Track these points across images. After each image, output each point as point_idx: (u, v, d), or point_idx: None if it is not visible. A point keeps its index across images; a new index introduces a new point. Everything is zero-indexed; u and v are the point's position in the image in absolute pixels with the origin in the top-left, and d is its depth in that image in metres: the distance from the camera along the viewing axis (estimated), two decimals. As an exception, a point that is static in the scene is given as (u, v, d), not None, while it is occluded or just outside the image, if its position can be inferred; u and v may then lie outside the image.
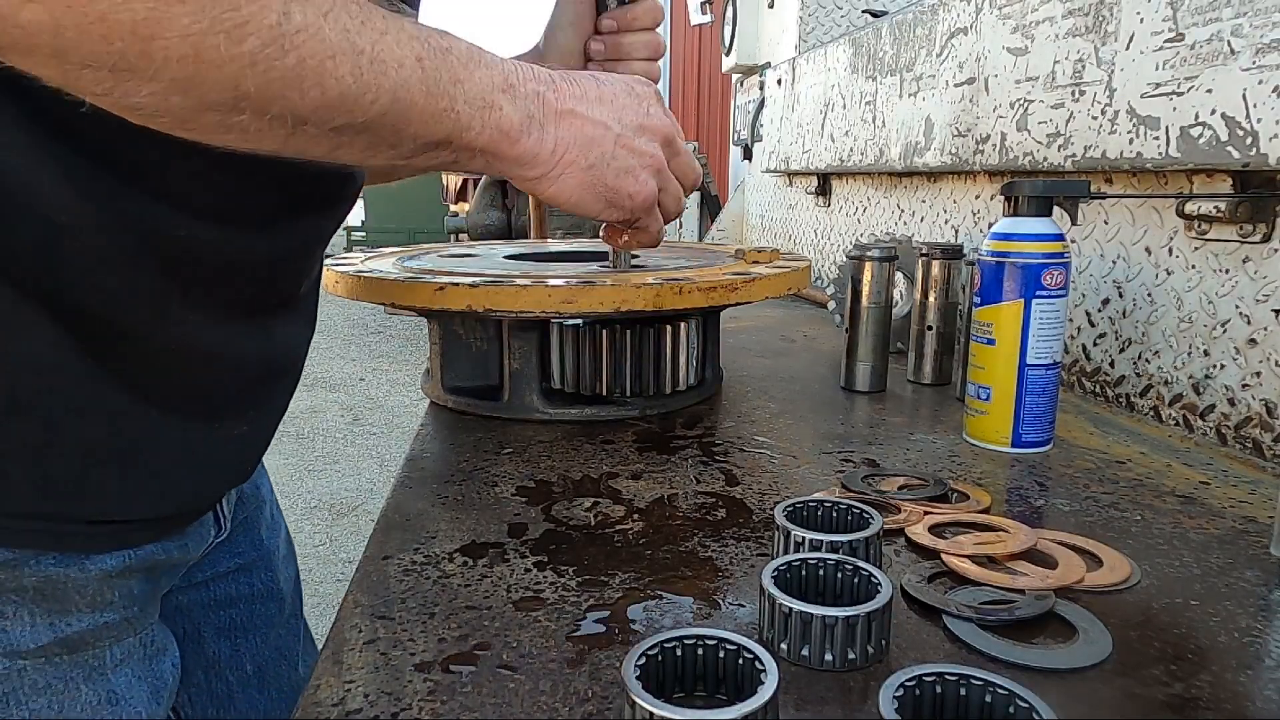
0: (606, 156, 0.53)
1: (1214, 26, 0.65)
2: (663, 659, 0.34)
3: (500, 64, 0.48)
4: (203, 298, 0.50)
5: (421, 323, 0.98)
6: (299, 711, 0.35)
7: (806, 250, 1.75)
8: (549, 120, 0.50)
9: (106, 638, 0.51)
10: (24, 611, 0.47)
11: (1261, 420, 0.66)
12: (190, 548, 0.58)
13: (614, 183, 0.54)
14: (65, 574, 0.48)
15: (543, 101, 0.50)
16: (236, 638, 0.69)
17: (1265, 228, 0.66)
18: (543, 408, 0.76)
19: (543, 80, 0.51)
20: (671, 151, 0.58)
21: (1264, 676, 0.38)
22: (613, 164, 0.53)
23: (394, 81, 0.41)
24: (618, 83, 0.56)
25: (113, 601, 0.51)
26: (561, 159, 0.51)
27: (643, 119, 0.55)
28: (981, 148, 0.99)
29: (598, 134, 0.52)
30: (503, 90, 0.48)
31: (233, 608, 0.69)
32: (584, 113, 0.52)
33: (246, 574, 0.70)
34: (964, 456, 0.68)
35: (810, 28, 1.77)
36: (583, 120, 0.52)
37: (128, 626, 0.52)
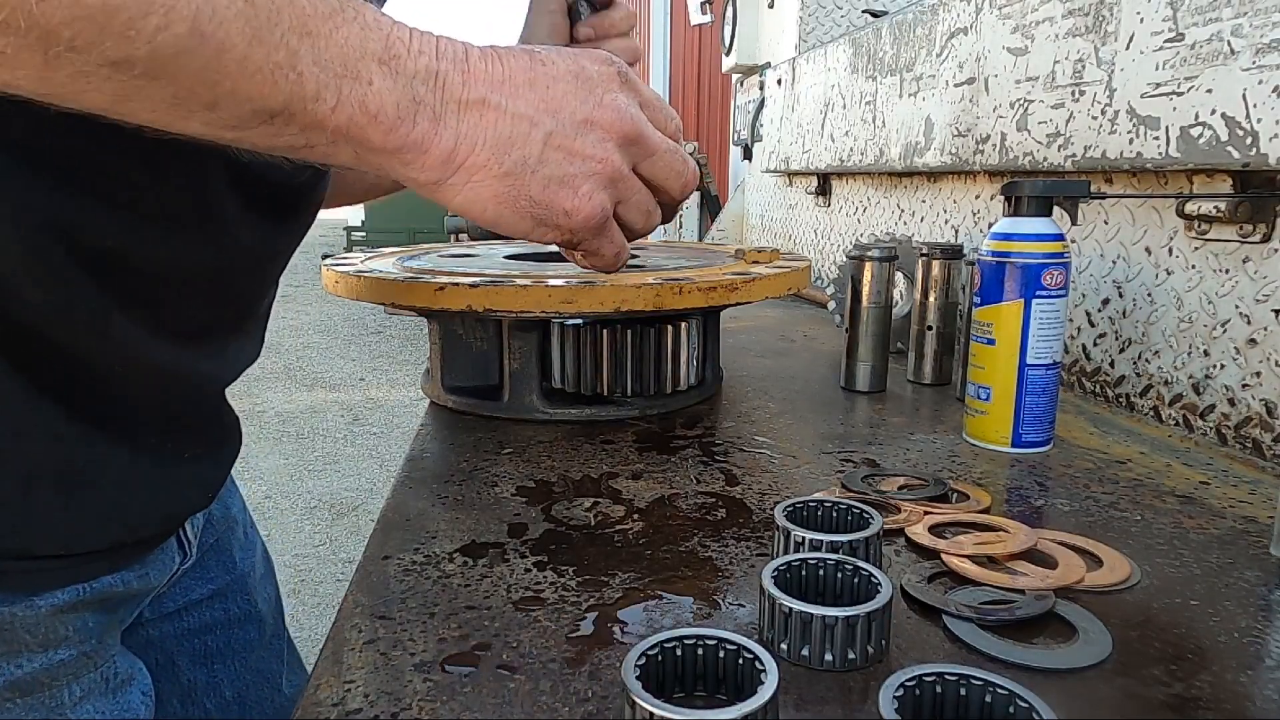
0: (531, 161, 0.40)
1: (1214, 26, 0.65)
2: (663, 659, 0.34)
3: (387, 26, 0.37)
4: (146, 314, 0.46)
5: (421, 323, 0.97)
6: (299, 711, 0.35)
7: (806, 250, 1.75)
8: (448, 109, 0.38)
9: (63, 676, 0.47)
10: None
11: (1261, 420, 0.66)
12: (151, 576, 0.54)
13: (542, 195, 0.41)
14: (11, 613, 0.44)
15: (441, 83, 0.38)
16: (213, 664, 0.65)
17: (1265, 228, 0.66)
18: (543, 408, 0.76)
19: (447, 55, 0.38)
20: (640, 152, 0.45)
21: (1264, 676, 0.38)
22: (540, 171, 0.41)
23: (195, 7, 0.30)
24: (564, 62, 0.42)
25: (67, 637, 0.47)
26: (466, 162, 0.39)
27: (591, 111, 0.42)
28: (981, 148, 0.99)
29: (519, 131, 0.40)
30: (379, 60, 0.36)
31: (208, 634, 0.65)
32: (499, 103, 0.39)
33: (221, 599, 0.66)
34: (964, 456, 0.68)
35: (810, 28, 1.77)
36: (498, 113, 0.39)
37: (86, 661, 0.49)
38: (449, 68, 0.38)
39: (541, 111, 0.40)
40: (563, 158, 0.41)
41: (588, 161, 0.42)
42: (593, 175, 0.43)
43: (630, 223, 0.47)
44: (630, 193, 0.45)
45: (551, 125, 0.41)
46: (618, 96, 0.43)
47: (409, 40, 0.37)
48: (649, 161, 0.46)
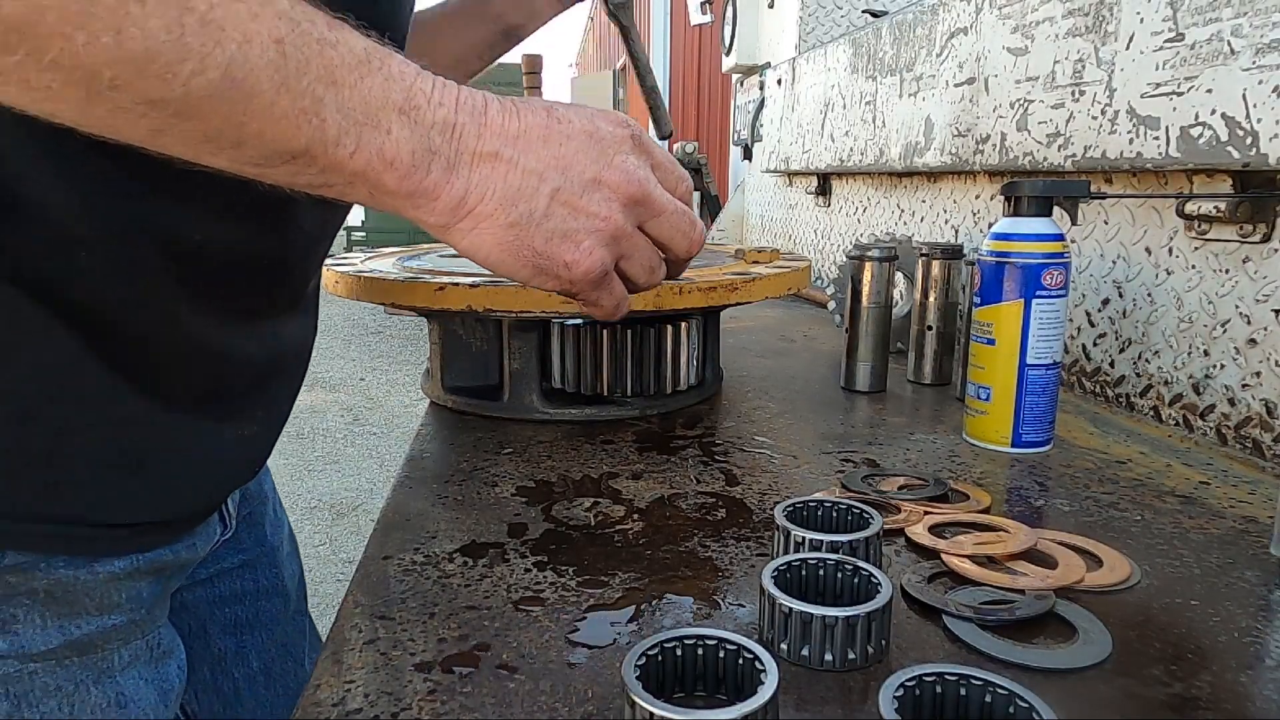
0: (537, 214, 0.42)
1: (1214, 26, 0.65)
2: (663, 659, 0.34)
3: (411, 77, 0.39)
4: (212, 300, 0.49)
5: (421, 323, 0.98)
6: (299, 711, 0.35)
7: (806, 250, 1.75)
8: (461, 160, 0.40)
9: (114, 640, 0.51)
10: (35, 614, 0.47)
11: (1261, 420, 0.66)
12: (198, 547, 0.58)
13: (544, 247, 0.43)
14: (75, 576, 0.48)
15: (457, 135, 0.40)
16: (242, 634, 0.69)
17: (1265, 228, 0.66)
18: (543, 408, 0.76)
19: (466, 107, 0.40)
20: (646, 212, 0.46)
21: (1264, 676, 0.38)
22: (545, 224, 0.42)
23: (229, 56, 0.32)
24: (579, 121, 0.43)
25: (119, 604, 0.51)
26: (474, 210, 0.41)
27: (600, 170, 0.43)
28: (981, 148, 0.99)
29: (527, 185, 0.41)
30: (400, 110, 0.38)
31: (238, 604, 0.69)
32: (511, 157, 0.41)
33: (251, 570, 0.70)
34: (964, 456, 0.68)
35: (810, 28, 1.77)
36: (509, 166, 0.41)
37: (135, 629, 0.52)
38: (466, 120, 0.40)
39: (551, 168, 0.42)
40: (567, 213, 0.43)
41: (591, 219, 0.43)
42: (595, 232, 0.44)
43: (633, 277, 0.48)
44: (633, 250, 0.46)
45: (559, 181, 0.42)
46: (628, 159, 0.44)
47: (430, 91, 0.39)
48: (655, 221, 0.47)
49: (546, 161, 0.42)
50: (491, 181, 0.41)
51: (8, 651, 0.47)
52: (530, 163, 0.41)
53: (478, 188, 0.41)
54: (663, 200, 0.46)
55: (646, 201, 0.45)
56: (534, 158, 0.42)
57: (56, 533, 0.47)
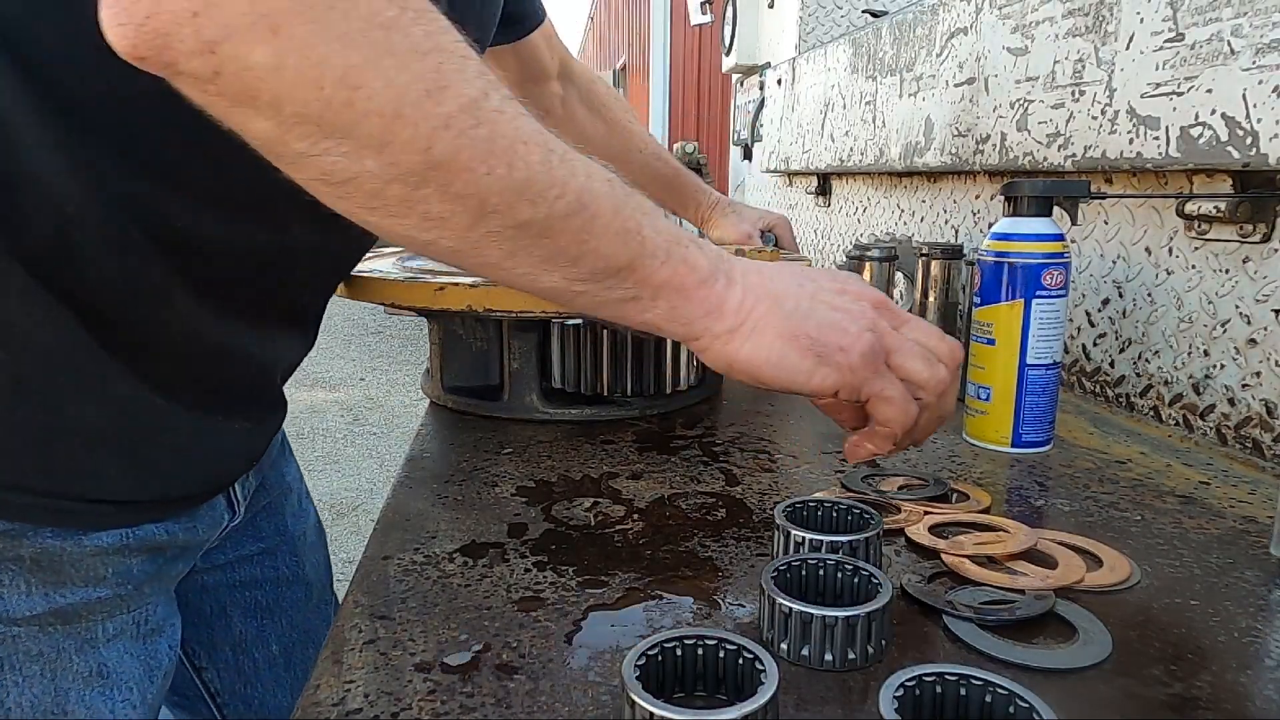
0: (804, 308, 0.47)
1: (1214, 26, 0.65)
2: (663, 659, 0.34)
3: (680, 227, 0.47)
4: (207, 294, 0.51)
5: (421, 323, 0.98)
6: (299, 711, 0.35)
7: (806, 250, 1.75)
8: (735, 275, 0.46)
9: (99, 612, 0.53)
10: (20, 580, 0.49)
11: (1261, 420, 0.66)
12: (199, 530, 0.59)
13: (818, 333, 0.46)
14: (61, 547, 0.50)
15: (730, 262, 0.47)
16: (262, 618, 0.72)
17: (1265, 228, 0.66)
18: (543, 408, 0.76)
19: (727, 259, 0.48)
20: (892, 318, 0.49)
21: (1264, 676, 0.38)
22: (812, 316, 0.46)
23: (581, 185, 0.40)
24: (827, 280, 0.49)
25: (105, 577, 0.52)
26: (752, 310, 0.46)
27: (842, 284, 0.49)
28: (981, 148, 0.99)
29: (790, 290, 0.47)
30: (692, 241, 0.46)
31: (257, 589, 0.72)
32: (770, 276, 0.48)
33: (270, 557, 0.72)
34: (964, 456, 0.68)
35: (810, 28, 1.78)
36: (769, 279, 0.47)
37: (120, 603, 0.54)
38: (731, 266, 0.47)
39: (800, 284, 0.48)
40: (826, 308, 0.47)
41: (848, 313, 0.47)
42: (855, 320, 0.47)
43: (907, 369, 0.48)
44: (899, 342, 0.48)
45: (812, 288, 0.48)
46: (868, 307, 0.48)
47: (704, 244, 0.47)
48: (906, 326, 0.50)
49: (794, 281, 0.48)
50: (760, 289, 0.46)
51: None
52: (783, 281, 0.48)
53: (751, 292, 0.46)
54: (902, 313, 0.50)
55: (888, 308, 0.49)
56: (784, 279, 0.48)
57: (46, 505, 0.49)
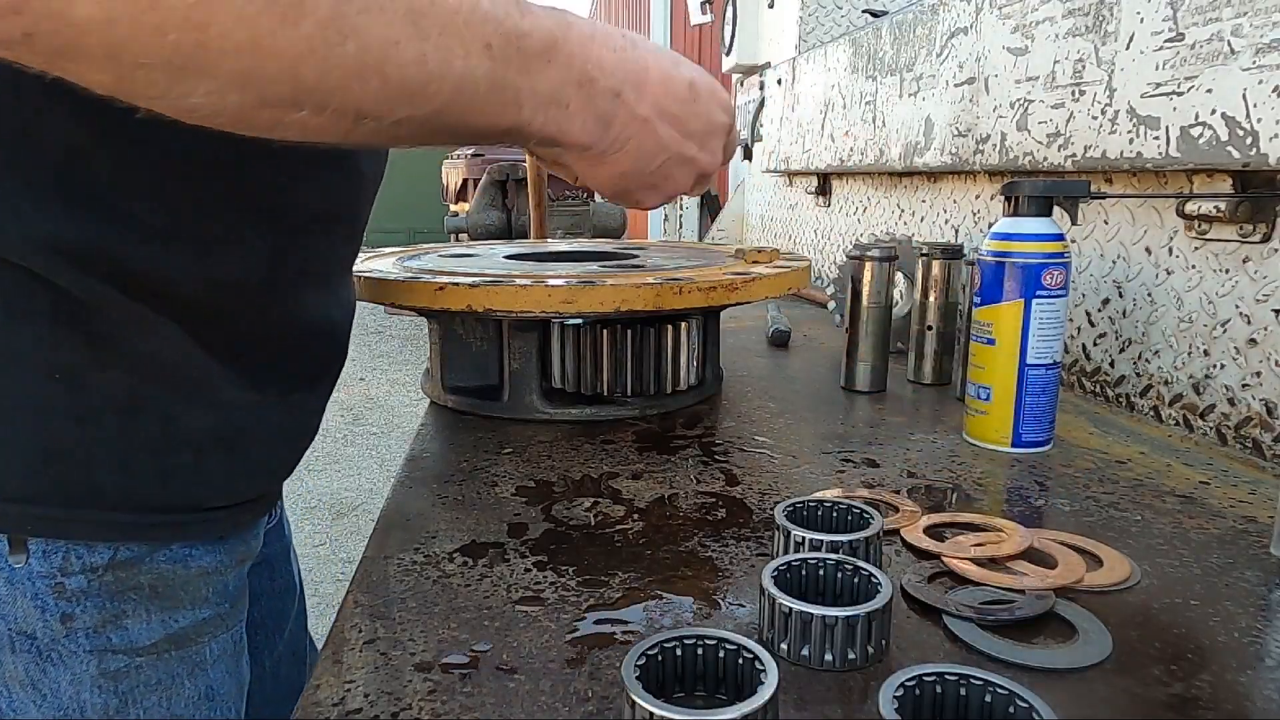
0: (644, 174, 0.52)
1: (1214, 26, 0.65)
2: (663, 659, 0.34)
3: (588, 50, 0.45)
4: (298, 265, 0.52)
5: (421, 323, 0.98)
6: (299, 711, 0.35)
7: (806, 250, 1.75)
8: (618, 123, 0.48)
9: (206, 633, 0.53)
10: (141, 609, 0.49)
11: (1261, 420, 0.66)
12: (259, 534, 0.59)
13: (635, 189, 0.53)
14: (173, 571, 0.50)
15: (622, 102, 0.47)
16: (256, 634, 0.70)
17: (1265, 228, 0.66)
18: (543, 407, 0.76)
19: (630, 77, 0.47)
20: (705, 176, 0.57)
21: (1264, 676, 0.38)
22: (645, 180, 0.52)
23: (459, 72, 0.38)
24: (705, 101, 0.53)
25: (208, 598, 0.53)
26: (609, 158, 0.49)
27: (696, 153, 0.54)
28: (981, 148, 0.99)
29: (653, 152, 0.51)
30: (579, 85, 0.45)
31: (255, 604, 0.70)
32: (656, 126, 0.50)
33: (270, 568, 0.71)
34: (964, 456, 0.68)
35: (810, 28, 1.77)
36: (649, 133, 0.50)
37: (221, 623, 0.54)
38: (629, 89, 0.48)
39: (672, 143, 0.51)
40: (661, 177, 0.53)
41: (672, 183, 0.54)
42: (670, 192, 0.55)
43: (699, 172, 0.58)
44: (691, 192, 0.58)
45: (672, 153, 0.52)
46: (720, 146, 0.56)
47: (605, 62, 0.46)
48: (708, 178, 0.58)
49: (672, 136, 0.51)
50: (634, 140, 0.49)
51: (120, 646, 0.48)
52: (664, 133, 0.50)
53: (620, 143, 0.49)
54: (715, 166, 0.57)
55: (709, 174, 0.57)
56: (667, 131, 0.51)
57: (166, 521, 0.49)
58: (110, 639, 0.48)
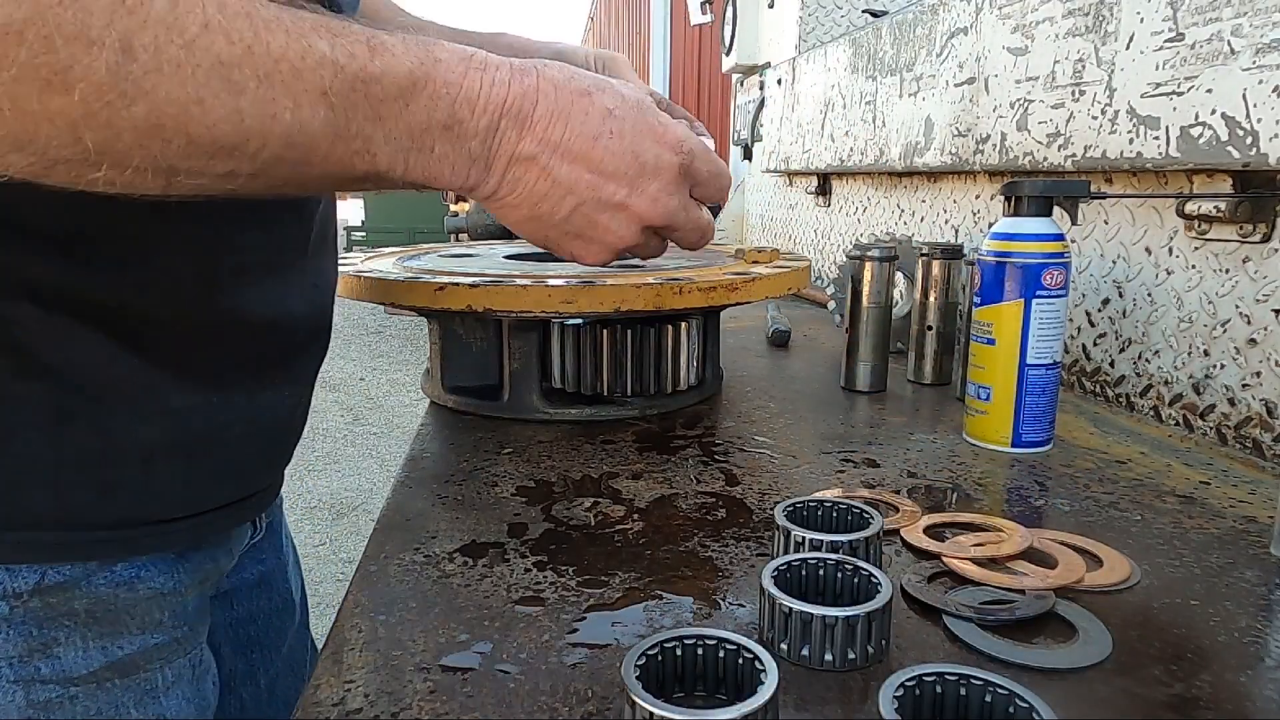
0: (557, 217, 0.45)
1: (1214, 26, 0.65)
2: (663, 659, 0.34)
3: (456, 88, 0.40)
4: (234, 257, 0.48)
5: (421, 323, 0.97)
6: (299, 711, 0.35)
7: (806, 250, 1.75)
8: (498, 162, 0.42)
9: (157, 659, 0.50)
10: (75, 636, 0.46)
11: (1261, 420, 0.66)
12: (234, 552, 0.57)
13: (559, 239, 0.47)
14: (115, 595, 0.47)
15: (500, 139, 0.42)
16: (252, 654, 0.68)
17: (1265, 228, 0.66)
18: (543, 408, 0.76)
19: (512, 111, 0.42)
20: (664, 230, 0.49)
21: (1264, 676, 0.38)
22: (563, 225, 0.45)
23: (287, 125, 0.35)
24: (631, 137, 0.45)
25: (162, 622, 0.50)
26: (504, 200, 0.44)
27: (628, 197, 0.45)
28: (981, 148, 0.99)
29: (553, 194, 0.44)
30: (445, 128, 0.40)
31: (252, 624, 0.68)
32: (546, 164, 0.43)
33: (266, 586, 0.69)
34: (964, 456, 0.68)
35: (810, 28, 1.77)
36: (540, 172, 0.43)
37: (177, 647, 0.51)
38: (508, 125, 0.42)
39: (582, 183, 0.44)
40: (585, 224, 0.46)
41: (606, 233, 0.46)
42: (609, 245, 0.47)
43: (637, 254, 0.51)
44: (642, 250, 0.50)
45: (585, 196, 0.44)
46: (662, 190, 0.46)
47: (477, 97, 0.41)
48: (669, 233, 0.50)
49: (578, 176, 0.44)
50: (522, 182, 0.43)
51: (50, 676, 0.46)
52: (562, 173, 0.43)
53: (508, 185, 0.43)
54: (680, 221, 0.48)
55: (666, 227, 0.48)
56: (568, 170, 0.43)
57: (112, 538, 0.46)
58: (39, 668, 0.45)
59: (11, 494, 0.44)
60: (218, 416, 0.49)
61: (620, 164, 0.44)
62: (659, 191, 0.46)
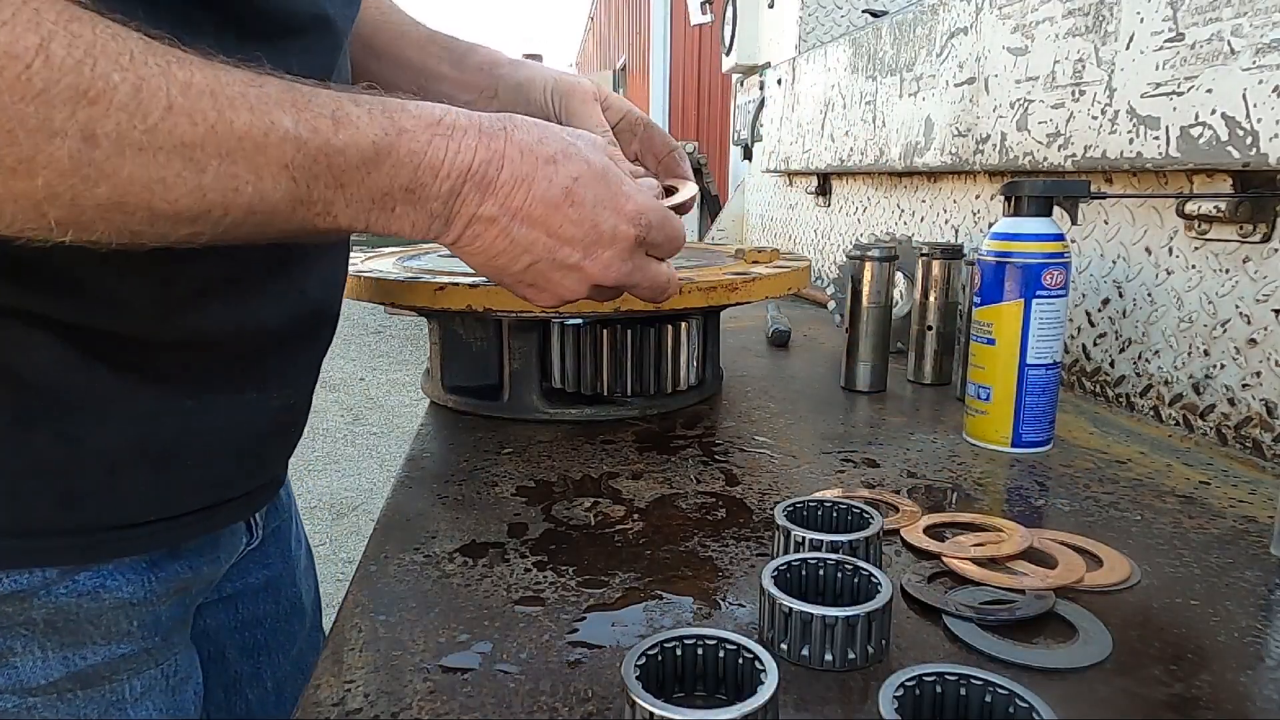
0: (513, 270, 0.47)
1: (1214, 26, 0.65)
2: (663, 659, 0.34)
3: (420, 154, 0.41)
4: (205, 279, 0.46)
5: (421, 323, 0.98)
6: (299, 711, 0.35)
7: (806, 250, 1.75)
8: (458, 220, 0.44)
9: (124, 670, 0.49)
10: (34, 645, 0.45)
11: (1261, 420, 0.66)
12: (222, 559, 0.56)
13: (512, 285, 0.49)
14: (77, 604, 0.46)
15: (459, 201, 0.44)
16: (259, 656, 0.67)
17: (1265, 228, 0.66)
18: (543, 407, 0.76)
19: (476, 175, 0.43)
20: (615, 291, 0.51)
21: (1264, 676, 0.38)
22: (518, 275, 0.48)
23: (249, 197, 0.36)
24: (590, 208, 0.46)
25: (130, 632, 0.49)
26: (464, 249, 0.46)
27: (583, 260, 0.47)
28: (981, 148, 0.99)
29: (510, 251, 0.46)
30: (406, 190, 0.42)
31: (258, 627, 0.67)
32: (505, 227, 0.45)
33: (273, 590, 0.68)
34: (964, 456, 0.68)
35: (810, 28, 1.77)
36: (499, 233, 0.45)
37: (148, 657, 0.50)
38: (470, 190, 0.44)
39: (538, 245, 0.46)
40: (538, 277, 0.48)
41: (560, 288, 0.49)
42: (560, 296, 0.49)
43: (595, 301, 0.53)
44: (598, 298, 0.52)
45: (541, 256, 0.47)
46: (615, 258, 0.48)
47: (442, 161, 0.42)
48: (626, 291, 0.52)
49: (536, 238, 0.46)
50: (481, 239, 0.45)
51: (6, 686, 0.45)
52: (520, 235, 0.45)
53: (467, 239, 0.45)
54: (637, 280, 0.51)
55: (620, 288, 0.51)
56: (526, 232, 0.45)
57: (71, 545, 0.45)
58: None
59: None
60: (190, 422, 0.48)
61: (577, 231, 0.46)
62: (613, 258, 0.48)
